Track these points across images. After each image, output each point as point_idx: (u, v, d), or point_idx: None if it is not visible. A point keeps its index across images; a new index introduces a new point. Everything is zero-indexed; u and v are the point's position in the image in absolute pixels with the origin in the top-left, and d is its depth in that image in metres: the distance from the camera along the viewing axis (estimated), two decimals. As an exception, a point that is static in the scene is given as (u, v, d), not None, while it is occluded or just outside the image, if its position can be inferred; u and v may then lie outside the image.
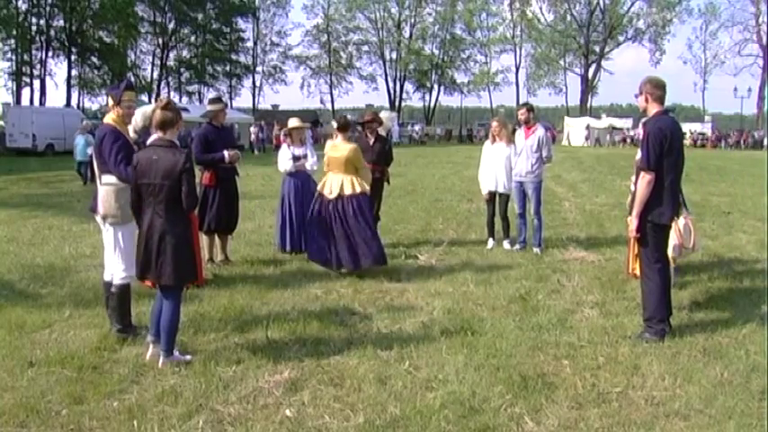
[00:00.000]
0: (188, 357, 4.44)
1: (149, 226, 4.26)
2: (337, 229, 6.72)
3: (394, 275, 6.90)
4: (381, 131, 8.38)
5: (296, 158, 7.77)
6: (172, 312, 4.35)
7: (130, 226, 4.82)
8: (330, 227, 6.74)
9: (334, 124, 7.05)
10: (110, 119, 4.94)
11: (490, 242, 8.47)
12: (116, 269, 4.87)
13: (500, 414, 3.71)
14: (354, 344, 4.82)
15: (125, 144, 4.84)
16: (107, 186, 4.81)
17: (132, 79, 44.55)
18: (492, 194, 8.43)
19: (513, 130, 8.49)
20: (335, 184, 6.80)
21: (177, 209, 4.23)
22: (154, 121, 4.39)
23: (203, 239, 7.07)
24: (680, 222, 5.50)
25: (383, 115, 8.39)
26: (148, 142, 4.47)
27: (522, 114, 8.16)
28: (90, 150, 17.06)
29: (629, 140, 45.27)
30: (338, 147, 6.88)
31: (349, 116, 7.18)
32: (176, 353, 4.42)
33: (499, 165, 8.21)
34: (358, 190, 6.78)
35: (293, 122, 8.01)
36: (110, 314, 5.02)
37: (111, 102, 4.99)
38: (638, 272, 5.76)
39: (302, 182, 7.82)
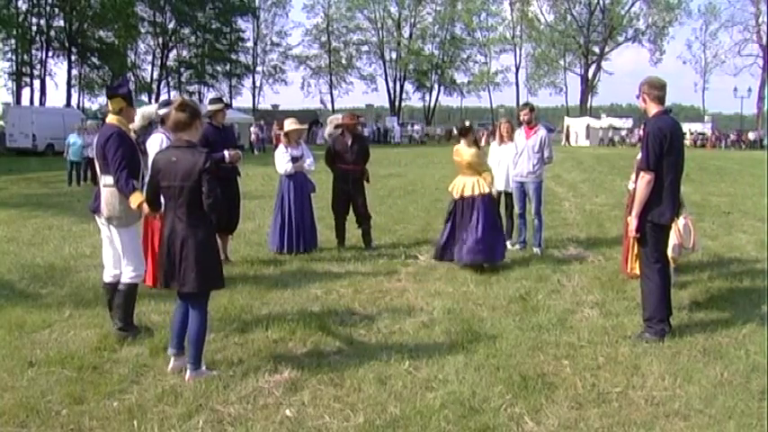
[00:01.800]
0: (214, 373, 4.22)
1: (171, 231, 4.09)
2: (458, 227, 7.13)
3: (394, 275, 6.91)
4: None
5: (294, 159, 7.80)
6: (199, 323, 4.16)
7: (134, 226, 4.81)
8: (453, 225, 7.21)
9: (454, 130, 7.42)
10: (113, 119, 4.84)
11: None
12: (125, 269, 4.84)
13: (500, 414, 3.71)
14: (354, 344, 4.83)
15: (130, 148, 4.75)
16: (110, 188, 4.74)
17: (131, 79, 44.60)
18: (499, 194, 8.40)
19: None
20: (459, 185, 7.24)
21: (198, 212, 4.04)
22: (169, 124, 4.27)
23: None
24: (680, 222, 5.49)
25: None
26: (170, 143, 4.44)
27: (525, 115, 8.16)
28: (87, 152, 17.10)
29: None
30: (460, 151, 7.29)
31: (467, 122, 7.44)
32: (204, 367, 4.23)
33: (510, 165, 8.21)
34: (476, 191, 7.11)
35: (290, 125, 8.02)
36: (112, 314, 4.98)
37: (118, 105, 4.82)
38: (637, 272, 5.76)
39: (300, 182, 7.86)
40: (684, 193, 5.49)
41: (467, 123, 7.50)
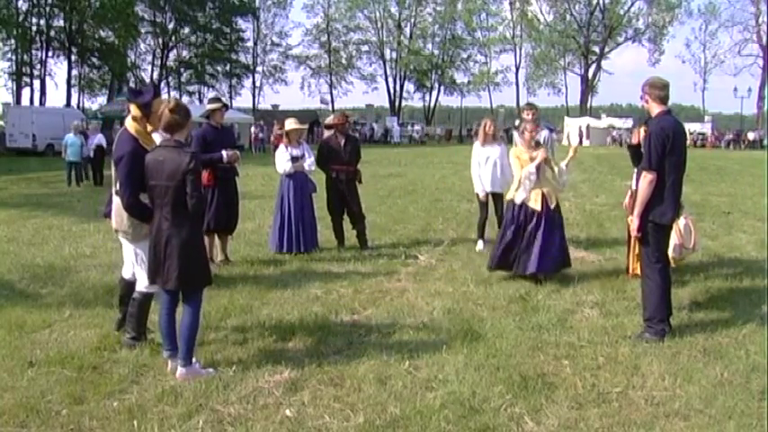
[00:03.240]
0: (210, 371, 4.22)
1: (157, 230, 4.14)
2: (517, 235, 6.67)
3: (394, 275, 6.91)
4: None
5: (294, 159, 7.80)
6: (192, 319, 4.19)
7: (144, 241, 4.56)
8: (515, 232, 6.73)
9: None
10: (132, 127, 4.51)
11: (480, 244, 8.29)
12: (140, 279, 4.65)
13: (500, 414, 3.71)
14: (354, 344, 4.83)
15: (142, 169, 4.28)
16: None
17: (137, 82, 44.48)
18: (487, 195, 8.32)
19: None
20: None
21: (183, 212, 4.08)
22: (161, 124, 4.26)
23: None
24: (680, 222, 5.49)
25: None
26: (158, 143, 4.42)
27: (533, 115, 8.05)
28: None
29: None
30: None
31: (517, 121, 7.30)
32: (197, 365, 4.25)
33: (496, 164, 8.14)
34: (538, 203, 6.66)
35: (291, 124, 8.03)
36: (122, 316, 4.87)
37: (135, 111, 4.51)
38: (638, 272, 5.76)
39: (300, 182, 7.86)
40: (684, 193, 5.50)
41: (516, 123, 7.31)
